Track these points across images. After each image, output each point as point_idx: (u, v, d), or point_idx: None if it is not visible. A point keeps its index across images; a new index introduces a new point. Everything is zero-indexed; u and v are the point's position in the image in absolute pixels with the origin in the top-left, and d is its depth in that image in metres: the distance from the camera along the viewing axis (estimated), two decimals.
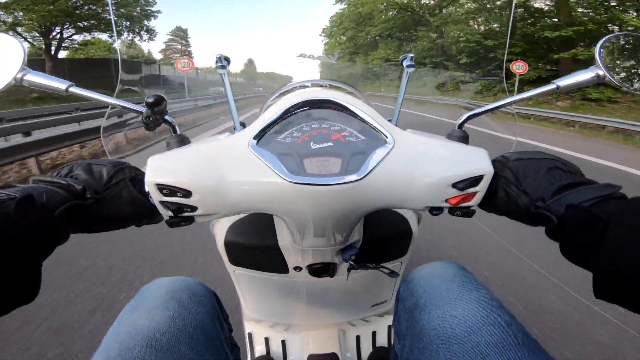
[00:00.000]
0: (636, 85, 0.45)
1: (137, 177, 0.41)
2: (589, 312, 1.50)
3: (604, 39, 0.44)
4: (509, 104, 0.46)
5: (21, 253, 0.29)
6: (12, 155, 3.79)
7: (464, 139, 0.46)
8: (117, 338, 0.38)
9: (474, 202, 0.41)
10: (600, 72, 0.42)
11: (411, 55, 0.56)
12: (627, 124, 7.23)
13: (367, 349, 0.78)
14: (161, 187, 0.37)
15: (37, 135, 4.71)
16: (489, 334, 0.37)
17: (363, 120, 0.41)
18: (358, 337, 0.79)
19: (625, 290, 0.28)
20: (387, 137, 0.40)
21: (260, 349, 0.78)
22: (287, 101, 0.42)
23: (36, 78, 0.42)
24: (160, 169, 0.38)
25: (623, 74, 0.44)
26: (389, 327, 0.79)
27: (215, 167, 0.38)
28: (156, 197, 0.38)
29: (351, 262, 0.51)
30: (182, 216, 0.40)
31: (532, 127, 8.77)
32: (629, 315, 1.42)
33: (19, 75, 0.41)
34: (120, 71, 0.68)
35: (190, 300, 0.46)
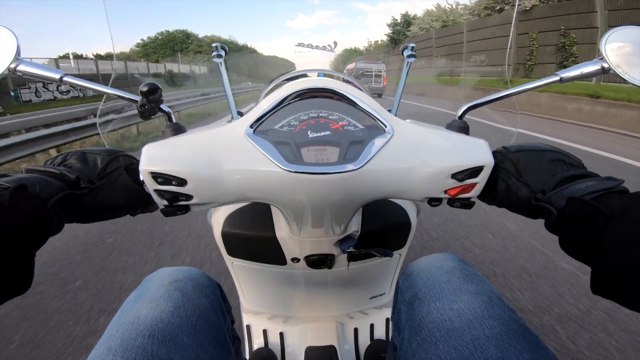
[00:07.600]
0: None
1: (132, 166, 0.41)
2: None
3: (610, 31, 0.43)
4: (511, 95, 0.46)
5: (14, 244, 0.29)
6: None
7: (465, 129, 0.45)
8: (119, 328, 0.37)
9: (473, 194, 0.40)
10: (605, 65, 0.41)
11: (412, 45, 0.55)
12: None
13: (364, 342, 0.79)
14: (156, 176, 0.37)
15: None
16: (489, 327, 0.36)
17: (362, 110, 0.40)
18: (356, 330, 0.79)
19: (624, 287, 0.28)
20: (386, 127, 0.39)
21: (258, 341, 0.78)
22: (285, 89, 0.41)
23: (30, 68, 0.42)
24: (155, 157, 0.37)
25: (628, 67, 0.43)
26: (387, 319, 0.80)
27: (211, 156, 0.38)
28: (151, 185, 0.38)
29: (350, 250, 0.51)
30: (177, 205, 0.39)
31: None
32: None
33: (12, 65, 0.41)
34: (114, 61, 0.68)
35: (193, 291, 0.45)
